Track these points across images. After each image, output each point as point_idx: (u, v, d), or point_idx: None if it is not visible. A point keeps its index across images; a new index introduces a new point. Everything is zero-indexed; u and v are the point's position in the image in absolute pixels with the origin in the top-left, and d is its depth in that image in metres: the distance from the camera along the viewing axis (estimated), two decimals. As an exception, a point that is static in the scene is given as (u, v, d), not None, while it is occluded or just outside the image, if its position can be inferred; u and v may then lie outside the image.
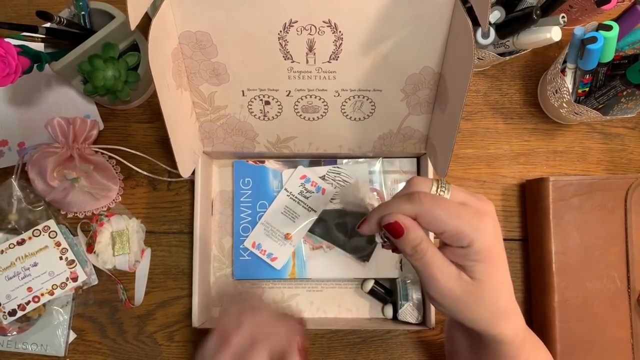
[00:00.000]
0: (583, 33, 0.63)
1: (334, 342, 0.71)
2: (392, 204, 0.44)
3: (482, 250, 0.41)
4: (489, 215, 0.43)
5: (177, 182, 0.73)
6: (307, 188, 0.70)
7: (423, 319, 0.67)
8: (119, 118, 0.74)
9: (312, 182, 0.69)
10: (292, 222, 0.70)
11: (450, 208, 0.41)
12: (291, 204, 0.70)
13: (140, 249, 0.71)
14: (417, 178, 0.45)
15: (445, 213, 0.41)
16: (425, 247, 0.42)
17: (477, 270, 0.42)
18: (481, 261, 0.42)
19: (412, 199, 0.42)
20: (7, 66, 0.55)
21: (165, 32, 0.51)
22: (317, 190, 0.70)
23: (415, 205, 0.42)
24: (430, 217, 0.41)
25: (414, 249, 0.42)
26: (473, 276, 0.42)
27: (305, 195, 0.70)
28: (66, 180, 0.66)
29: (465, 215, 0.41)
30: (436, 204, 0.41)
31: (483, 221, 0.42)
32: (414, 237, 0.42)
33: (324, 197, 0.70)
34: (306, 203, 0.70)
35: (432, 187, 0.43)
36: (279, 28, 0.53)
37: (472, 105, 0.75)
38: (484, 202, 0.44)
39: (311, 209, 0.70)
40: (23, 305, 0.67)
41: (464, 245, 0.41)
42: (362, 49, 0.55)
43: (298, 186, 0.70)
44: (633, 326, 0.65)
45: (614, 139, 0.74)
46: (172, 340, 0.71)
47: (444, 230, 0.41)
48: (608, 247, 0.66)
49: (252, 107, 0.63)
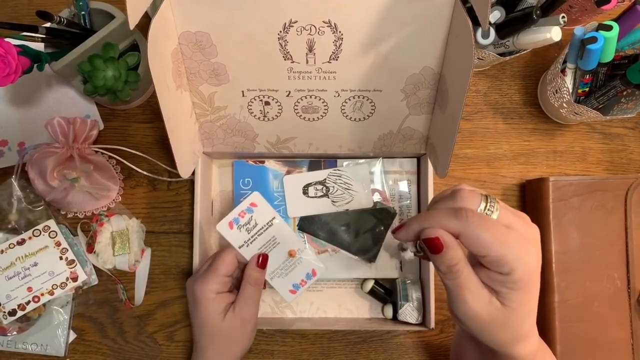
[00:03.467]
0: (583, 33, 0.63)
1: (334, 342, 0.72)
2: (437, 216, 0.41)
3: (520, 280, 0.40)
4: (533, 244, 0.41)
5: (177, 182, 0.73)
6: (243, 223, 0.63)
7: (423, 320, 0.67)
8: (119, 118, 0.74)
9: (239, 215, 0.63)
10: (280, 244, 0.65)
11: (496, 232, 0.39)
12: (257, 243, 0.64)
13: (140, 249, 0.71)
14: (465, 190, 0.42)
15: (491, 237, 0.39)
16: (461, 268, 0.40)
17: (511, 299, 0.40)
18: (517, 290, 0.40)
19: (458, 216, 0.40)
20: (7, 66, 0.55)
21: (164, 33, 0.51)
22: (249, 211, 0.64)
23: (460, 223, 0.39)
24: (475, 239, 0.39)
25: (449, 268, 0.40)
26: (505, 303, 0.41)
27: (250, 229, 0.63)
28: (66, 180, 0.66)
29: (511, 242, 0.39)
30: (482, 226, 0.39)
31: (528, 250, 0.40)
32: (452, 257, 0.40)
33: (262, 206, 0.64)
34: (259, 228, 0.64)
35: (480, 205, 0.41)
36: (279, 28, 0.53)
37: (472, 105, 0.75)
38: (530, 227, 0.42)
39: (267, 223, 0.64)
40: (23, 305, 0.67)
41: (504, 272, 0.40)
42: (362, 49, 0.55)
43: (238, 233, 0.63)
44: (633, 326, 0.65)
45: (614, 139, 0.74)
46: (172, 340, 0.71)
47: (486, 255, 0.39)
48: (608, 247, 0.66)
49: (252, 107, 0.63)
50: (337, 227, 0.70)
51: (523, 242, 0.40)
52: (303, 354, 0.72)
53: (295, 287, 0.65)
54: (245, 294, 0.61)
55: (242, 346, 0.62)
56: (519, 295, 0.40)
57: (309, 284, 0.66)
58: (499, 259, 0.39)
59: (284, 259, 0.65)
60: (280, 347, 0.72)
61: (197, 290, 0.59)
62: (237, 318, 0.60)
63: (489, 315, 0.41)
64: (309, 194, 0.70)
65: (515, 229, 0.40)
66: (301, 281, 0.65)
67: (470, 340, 0.52)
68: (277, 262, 0.64)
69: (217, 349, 0.61)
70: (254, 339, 0.70)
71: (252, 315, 0.61)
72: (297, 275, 0.65)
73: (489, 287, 0.41)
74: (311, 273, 0.65)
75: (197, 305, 0.60)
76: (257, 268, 0.62)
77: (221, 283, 0.60)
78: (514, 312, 0.41)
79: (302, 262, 0.65)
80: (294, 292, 0.65)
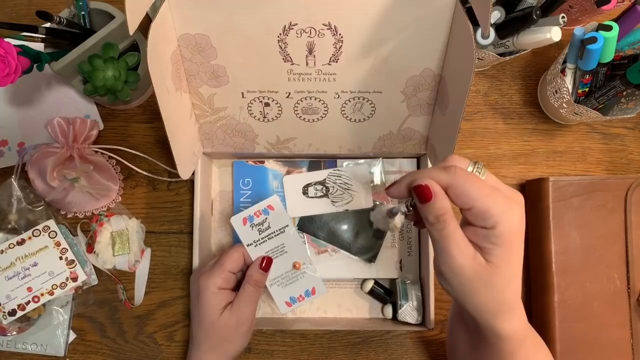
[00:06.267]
0: (583, 33, 0.63)
1: (334, 342, 0.72)
2: (427, 170, 0.43)
3: (504, 234, 0.41)
4: (518, 203, 0.43)
5: (177, 182, 0.73)
6: (257, 222, 0.64)
7: (422, 320, 0.67)
8: (119, 118, 0.74)
9: (255, 214, 0.64)
10: (287, 253, 0.65)
11: (483, 187, 0.41)
12: (265, 246, 0.64)
13: (140, 249, 0.71)
14: (455, 155, 0.45)
15: (477, 190, 0.41)
16: (448, 218, 0.42)
17: (494, 254, 0.42)
18: (500, 245, 0.41)
19: (448, 170, 0.42)
20: (7, 66, 0.55)
21: (164, 35, 0.51)
22: (265, 213, 0.64)
23: (449, 176, 0.42)
24: (462, 190, 0.41)
25: (437, 218, 0.42)
26: (489, 259, 0.42)
27: (262, 230, 0.64)
28: (66, 180, 0.66)
29: (496, 197, 0.41)
30: (470, 180, 0.41)
31: (511, 207, 0.42)
32: (440, 206, 0.42)
33: (279, 211, 0.64)
34: (270, 231, 0.64)
35: (469, 166, 0.43)
36: (279, 30, 0.53)
37: (472, 105, 0.75)
38: (515, 192, 0.44)
39: (280, 229, 0.65)
40: (23, 305, 0.67)
41: (488, 226, 0.41)
42: (363, 52, 0.55)
43: (250, 231, 0.64)
44: (633, 326, 0.65)
45: (614, 139, 0.74)
46: (172, 340, 0.72)
47: (472, 207, 0.41)
48: (608, 247, 0.66)
49: (252, 108, 0.63)
50: (337, 227, 0.70)
51: (508, 200, 0.42)
52: (303, 354, 0.72)
53: (292, 300, 0.66)
54: (244, 293, 0.61)
55: (236, 346, 0.62)
56: (502, 251, 0.42)
57: (306, 300, 0.66)
58: (484, 211, 0.41)
59: (288, 269, 0.65)
60: (280, 347, 0.72)
61: (201, 282, 0.60)
62: (233, 317, 0.60)
63: (473, 271, 0.42)
64: (309, 194, 0.70)
65: (501, 190, 0.43)
66: (299, 296, 0.66)
67: (461, 324, 0.52)
68: (280, 270, 0.65)
69: (211, 346, 0.61)
70: (254, 339, 0.71)
71: (248, 316, 0.61)
72: (296, 288, 0.66)
73: (474, 244, 0.43)
74: (311, 291, 0.66)
75: (198, 298, 0.61)
76: (259, 270, 0.62)
77: (225, 279, 0.61)
78: (498, 270, 0.42)
79: (304, 277, 0.65)
80: (289, 304, 0.66)
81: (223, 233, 0.73)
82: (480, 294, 0.43)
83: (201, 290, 0.60)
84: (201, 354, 0.62)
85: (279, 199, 0.64)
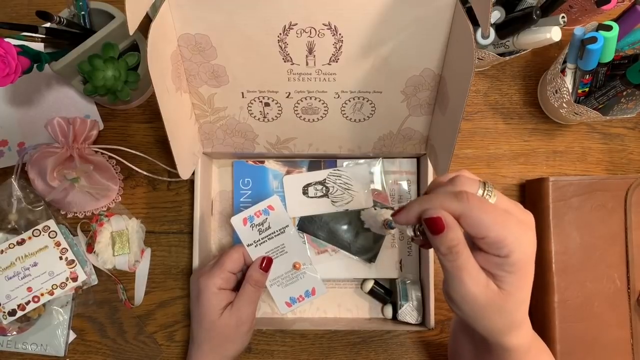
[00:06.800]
0: (583, 33, 0.63)
1: (334, 342, 0.72)
2: (437, 198, 0.41)
3: (518, 262, 0.40)
4: (530, 227, 0.42)
5: (177, 182, 0.73)
6: (257, 223, 0.64)
7: (423, 320, 0.67)
8: (119, 118, 0.74)
9: (255, 214, 0.64)
10: (287, 253, 0.65)
11: (496, 215, 0.39)
12: (265, 246, 0.64)
13: (140, 249, 0.71)
14: (463, 176, 0.43)
15: (491, 219, 0.39)
16: (461, 249, 0.40)
17: (507, 282, 0.41)
18: (514, 273, 0.40)
19: (459, 198, 0.40)
20: (7, 66, 0.55)
21: (164, 35, 0.51)
22: (265, 213, 0.64)
23: (461, 205, 0.40)
24: (475, 220, 0.40)
25: (449, 249, 0.40)
26: (501, 286, 0.41)
27: (262, 230, 0.64)
28: (66, 180, 0.66)
29: (510, 224, 0.40)
30: (483, 209, 0.40)
31: (525, 233, 0.40)
32: (453, 237, 0.40)
33: (279, 211, 0.64)
34: (270, 232, 0.64)
35: (479, 190, 0.42)
36: (279, 30, 0.53)
37: (472, 105, 0.75)
38: (526, 213, 0.43)
39: (280, 229, 0.65)
40: (23, 305, 0.67)
41: (502, 255, 0.40)
42: (363, 52, 0.55)
43: (250, 231, 0.64)
44: (633, 326, 0.65)
45: (614, 139, 0.74)
46: (172, 340, 0.72)
47: (485, 236, 0.40)
48: (608, 247, 0.66)
49: (252, 108, 0.63)
50: (337, 227, 0.70)
51: (521, 226, 0.40)
52: (303, 354, 0.72)
53: (292, 301, 0.66)
54: (244, 294, 0.61)
55: (236, 346, 0.62)
56: (515, 278, 0.41)
57: (306, 301, 0.66)
58: (498, 241, 0.40)
59: (288, 269, 0.65)
60: (280, 347, 0.72)
61: (201, 283, 0.60)
62: (233, 317, 0.60)
63: (486, 298, 0.41)
64: (309, 194, 0.70)
65: (512, 213, 0.41)
66: (299, 296, 0.66)
67: (465, 334, 0.52)
68: (280, 270, 0.65)
69: (212, 346, 0.61)
70: (254, 339, 0.71)
71: (248, 316, 0.61)
72: (296, 289, 0.66)
73: (486, 270, 0.42)
74: (311, 291, 0.66)
75: (198, 298, 0.61)
76: (259, 270, 0.62)
77: (225, 279, 0.61)
78: (510, 296, 0.41)
79: (304, 277, 0.65)
80: (289, 305, 0.66)
81: (223, 233, 0.73)
82: (490, 319, 0.43)
83: (201, 290, 0.60)
84: (201, 354, 0.62)
85: (279, 199, 0.64)
